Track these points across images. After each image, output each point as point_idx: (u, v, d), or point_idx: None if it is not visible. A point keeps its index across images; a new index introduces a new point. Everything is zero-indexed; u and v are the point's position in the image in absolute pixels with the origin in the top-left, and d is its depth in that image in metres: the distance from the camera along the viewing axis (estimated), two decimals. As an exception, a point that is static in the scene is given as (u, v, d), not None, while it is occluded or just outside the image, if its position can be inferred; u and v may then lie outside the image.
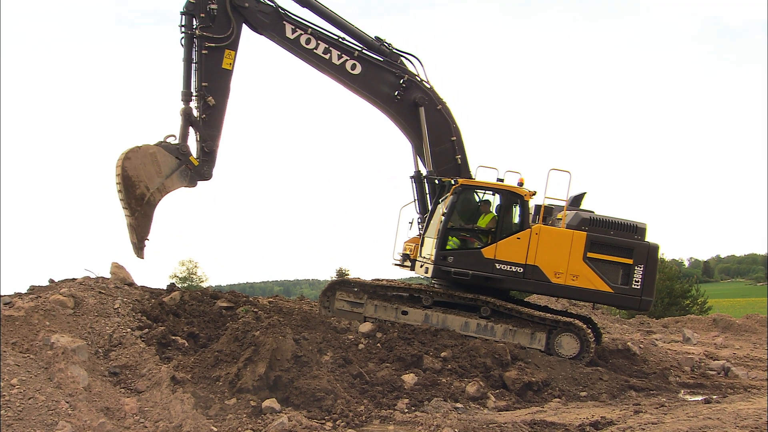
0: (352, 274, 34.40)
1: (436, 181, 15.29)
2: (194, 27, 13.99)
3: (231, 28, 14.01)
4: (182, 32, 14.06)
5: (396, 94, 14.73)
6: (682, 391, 13.82)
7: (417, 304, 14.86)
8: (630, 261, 14.44)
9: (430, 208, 15.74)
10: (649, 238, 14.81)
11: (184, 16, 14.06)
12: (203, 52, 13.95)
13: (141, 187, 13.65)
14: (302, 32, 14.32)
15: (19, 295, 11.90)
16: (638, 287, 14.42)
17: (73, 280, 12.87)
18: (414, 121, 15.10)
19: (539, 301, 18.84)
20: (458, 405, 11.30)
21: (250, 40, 14.82)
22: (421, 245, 15.48)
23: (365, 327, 14.07)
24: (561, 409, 11.40)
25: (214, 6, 13.86)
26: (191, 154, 14.28)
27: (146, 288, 13.88)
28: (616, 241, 14.52)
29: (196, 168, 14.25)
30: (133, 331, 11.50)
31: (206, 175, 14.39)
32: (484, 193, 15.05)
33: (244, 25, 14.50)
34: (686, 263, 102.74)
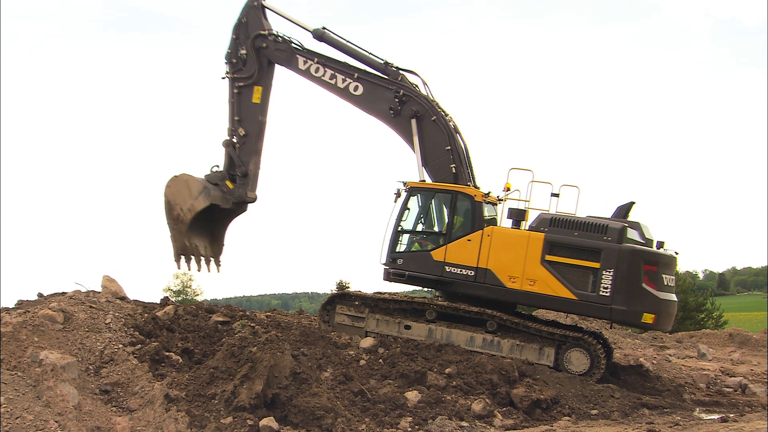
0: (353, 287, 34.19)
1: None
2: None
3: (255, 68, 16.34)
4: (223, 77, 16.70)
5: (390, 108, 15.42)
6: (698, 409, 13.59)
7: (420, 318, 14.69)
8: (596, 265, 13.60)
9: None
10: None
11: (227, 65, 16.72)
12: (235, 91, 16.53)
13: (177, 209, 16.43)
14: (311, 62, 16.02)
15: (6, 309, 11.89)
16: (607, 294, 13.49)
17: (63, 293, 12.90)
18: (411, 134, 15.48)
19: (547, 316, 18.58)
20: (464, 423, 11.09)
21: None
22: None
23: (367, 342, 13.94)
24: (571, 428, 11.21)
25: (243, 51, 16.36)
26: (227, 179, 16.57)
27: (139, 302, 14.06)
28: (580, 243, 13.71)
29: (230, 190, 16.50)
30: (125, 347, 11.46)
31: (242, 196, 16.53)
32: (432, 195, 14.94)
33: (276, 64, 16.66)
34: (701, 275, 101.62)
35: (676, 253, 14.49)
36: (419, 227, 15.08)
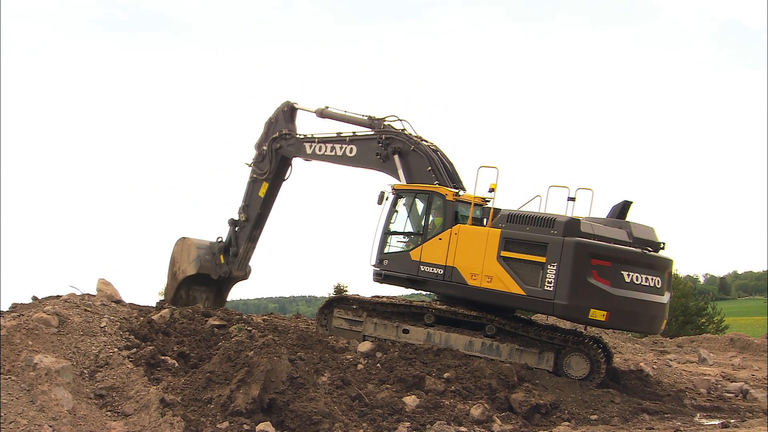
0: (351, 291, 34.09)
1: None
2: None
3: (267, 167, 18.03)
4: (248, 164, 18.50)
5: (377, 154, 16.08)
6: (698, 414, 13.47)
7: (419, 322, 14.62)
8: (542, 259, 13.45)
9: None
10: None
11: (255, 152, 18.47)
12: (249, 180, 18.39)
13: (176, 267, 18.67)
14: (314, 144, 17.42)
15: (0, 313, 11.91)
16: (550, 289, 13.30)
17: (58, 297, 12.98)
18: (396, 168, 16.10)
19: (547, 320, 18.50)
20: (462, 429, 11.00)
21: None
22: None
23: (364, 346, 13.89)
24: (570, 433, 11.09)
25: (265, 147, 18.04)
26: (222, 253, 18.54)
27: (134, 305, 14.26)
28: (529, 238, 13.60)
29: (220, 265, 18.47)
30: (120, 351, 11.41)
31: (227, 273, 18.43)
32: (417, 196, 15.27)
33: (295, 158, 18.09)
34: (701, 279, 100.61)
35: (648, 252, 13.99)
36: (403, 228, 15.47)
